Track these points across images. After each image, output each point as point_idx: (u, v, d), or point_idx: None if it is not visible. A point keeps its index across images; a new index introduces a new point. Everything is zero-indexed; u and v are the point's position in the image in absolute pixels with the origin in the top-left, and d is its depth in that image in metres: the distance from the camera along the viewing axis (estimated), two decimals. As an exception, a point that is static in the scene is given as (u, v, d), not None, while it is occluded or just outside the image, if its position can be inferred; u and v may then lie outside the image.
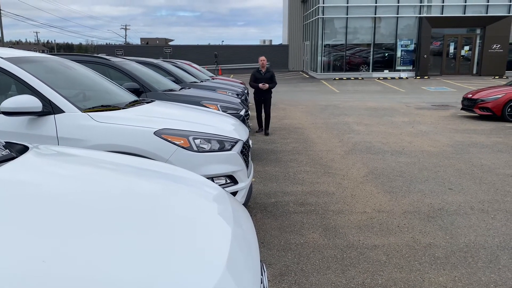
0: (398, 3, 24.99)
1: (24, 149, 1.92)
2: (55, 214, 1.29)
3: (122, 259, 1.10)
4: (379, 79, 24.78)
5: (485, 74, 25.07)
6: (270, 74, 8.65)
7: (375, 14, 25.24)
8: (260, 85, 8.44)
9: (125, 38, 70.50)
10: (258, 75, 8.67)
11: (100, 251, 1.12)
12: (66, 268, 1.03)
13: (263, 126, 8.85)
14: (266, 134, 8.65)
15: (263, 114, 8.84)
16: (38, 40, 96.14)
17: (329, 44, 26.12)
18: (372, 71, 26.16)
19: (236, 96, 8.32)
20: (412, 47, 25.65)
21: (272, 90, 8.78)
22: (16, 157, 1.74)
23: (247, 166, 3.73)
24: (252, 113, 10.05)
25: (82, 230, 1.21)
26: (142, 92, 5.73)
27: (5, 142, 1.98)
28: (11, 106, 2.94)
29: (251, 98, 12.09)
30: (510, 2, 24.62)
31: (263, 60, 8.72)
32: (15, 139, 3.03)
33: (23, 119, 3.16)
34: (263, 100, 8.74)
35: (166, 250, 1.19)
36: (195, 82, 9.20)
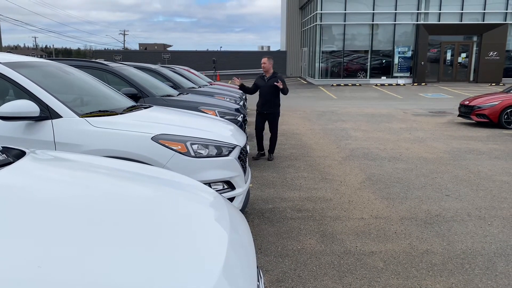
0: (396, 10, 25.17)
1: (21, 154, 1.91)
2: (52, 219, 1.28)
3: (118, 265, 1.10)
4: (376, 85, 24.87)
5: (481, 81, 25.20)
6: (277, 80, 6.50)
7: (373, 21, 25.38)
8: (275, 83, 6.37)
9: (124, 44, 70.61)
10: (260, 82, 6.69)
11: (95, 257, 1.11)
12: (62, 273, 1.02)
13: (263, 149, 6.97)
14: (270, 159, 6.77)
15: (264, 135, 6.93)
16: (36, 45, 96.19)
17: (327, 51, 26.24)
18: (369, 78, 26.25)
19: (234, 102, 8.32)
20: (409, 54, 25.79)
21: (279, 100, 6.74)
22: (13, 162, 1.74)
23: (244, 171, 3.73)
24: (251, 119, 9.91)
25: (78, 235, 1.21)
26: (140, 98, 5.74)
27: (2, 147, 1.98)
28: (9, 110, 2.94)
29: (249, 104, 12.10)
30: (507, 10, 24.85)
31: (266, 63, 6.64)
32: (12, 144, 3.02)
33: (20, 124, 3.16)
34: (268, 114, 6.72)
35: (162, 256, 1.19)
36: (193, 87, 9.20)
